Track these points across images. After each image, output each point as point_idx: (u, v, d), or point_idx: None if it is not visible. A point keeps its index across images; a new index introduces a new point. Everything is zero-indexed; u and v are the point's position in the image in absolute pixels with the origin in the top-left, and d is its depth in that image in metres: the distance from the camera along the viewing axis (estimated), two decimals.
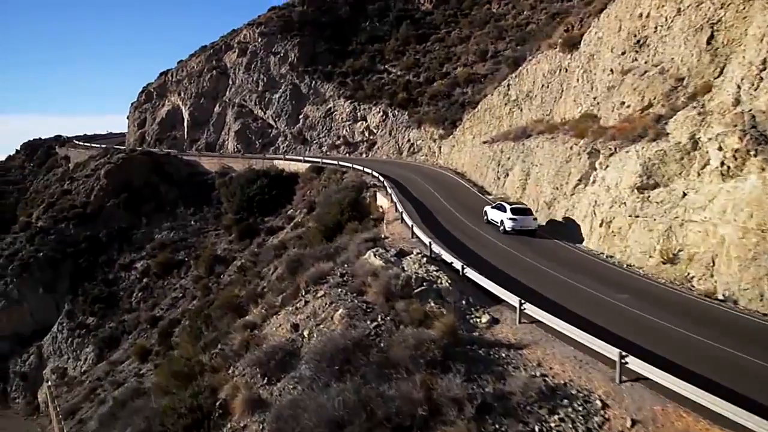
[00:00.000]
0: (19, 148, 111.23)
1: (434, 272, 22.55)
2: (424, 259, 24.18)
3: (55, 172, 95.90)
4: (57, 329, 60.86)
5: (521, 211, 31.14)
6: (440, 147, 61.49)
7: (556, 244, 29.17)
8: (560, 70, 42.02)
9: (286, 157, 69.13)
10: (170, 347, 39.58)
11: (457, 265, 23.09)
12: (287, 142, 79.42)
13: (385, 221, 37.05)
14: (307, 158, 66.81)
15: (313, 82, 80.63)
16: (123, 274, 64.07)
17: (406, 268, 22.99)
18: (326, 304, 21.06)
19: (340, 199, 44.18)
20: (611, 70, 33.82)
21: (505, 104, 49.85)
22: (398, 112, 70.34)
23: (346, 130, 74.75)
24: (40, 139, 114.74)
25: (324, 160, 63.82)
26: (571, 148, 33.02)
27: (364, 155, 72.01)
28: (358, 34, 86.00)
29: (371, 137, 72.51)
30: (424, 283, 21.27)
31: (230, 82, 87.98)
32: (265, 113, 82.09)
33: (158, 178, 73.96)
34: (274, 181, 63.93)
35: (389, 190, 41.33)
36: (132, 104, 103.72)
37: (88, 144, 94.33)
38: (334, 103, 77.18)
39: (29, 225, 74.31)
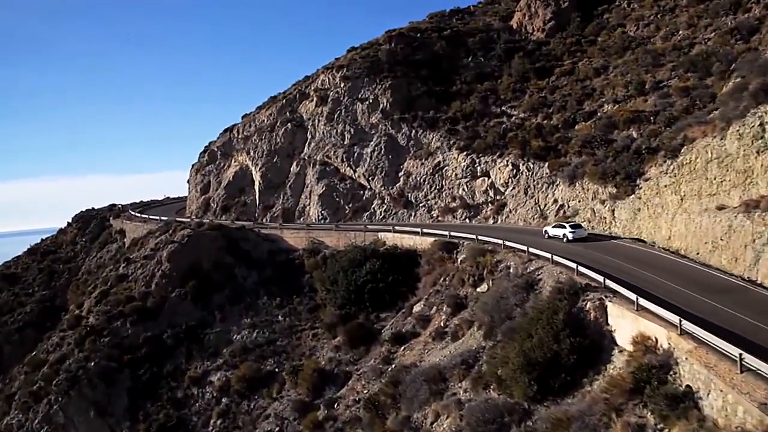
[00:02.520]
0: (71, 221, 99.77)
1: None
2: None
3: (109, 249, 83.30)
4: None
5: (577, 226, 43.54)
6: (613, 211, 45.21)
7: None
8: None
9: (396, 228, 53.95)
10: None
11: None
12: (385, 206, 64.52)
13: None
14: (426, 229, 51.40)
15: (413, 131, 66.13)
16: (195, 390, 49.11)
17: None
18: None
19: (545, 311, 28.46)
20: None
21: (757, 152, 33.59)
22: (534, 165, 54.84)
23: (463, 189, 59.45)
24: (92, 209, 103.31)
25: (454, 233, 48.33)
26: None
27: (490, 220, 56.40)
28: (460, 72, 71.65)
29: (498, 197, 56.98)
30: None
31: (309, 136, 74.31)
32: (354, 171, 67.69)
33: (232, 259, 59.65)
34: (387, 263, 48.69)
35: (654, 309, 25.14)
36: (193, 166, 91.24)
37: (146, 216, 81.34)
38: (443, 155, 62.25)
39: (79, 321, 60.64)
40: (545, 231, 45.69)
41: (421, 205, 62.20)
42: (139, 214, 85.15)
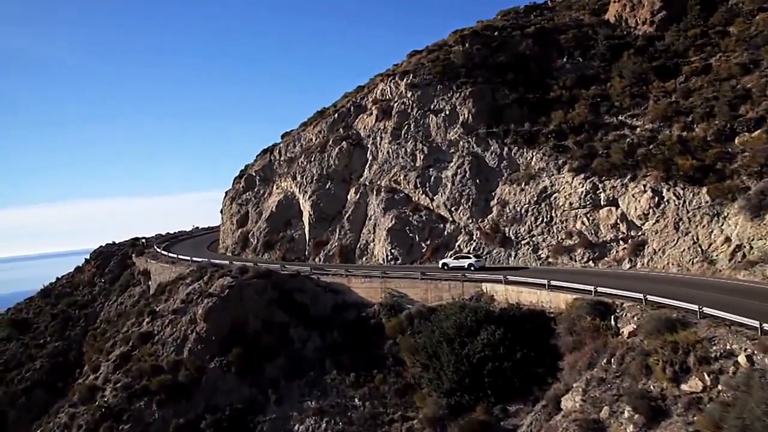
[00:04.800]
0: (89, 257, 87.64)
1: None
2: None
3: (132, 293, 71.08)
4: None
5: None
6: None
7: None
8: None
9: (509, 278, 40.35)
10: None
11: None
12: (474, 243, 51.12)
13: None
14: (556, 281, 37.73)
15: (505, 148, 52.93)
16: None
17: None
18: None
19: None
20: None
21: None
22: (685, 191, 41.25)
23: (582, 223, 45.94)
24: (113, 244, 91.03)
25: (603, 288, 34.65)
26: None
27: (625, 264, 42.76)
28: (555, 76, 58.49)
29: (634, 233, 43.38)
30: None
31: (369, 157, 61.47)
32: (431, 200, 54.55)
33: (286, 316, 46.60)
34: (510, 330, 35.18)
35: None
36: (227, 194, 78.86)
37: (174, 255, 68.68)
38: (550, 179, 48.90)
39: (93, 393, 47.88)
40: (444, 264, 48.25)
41: (523, 242, 48.74)
42: (165, 253, 72.54)
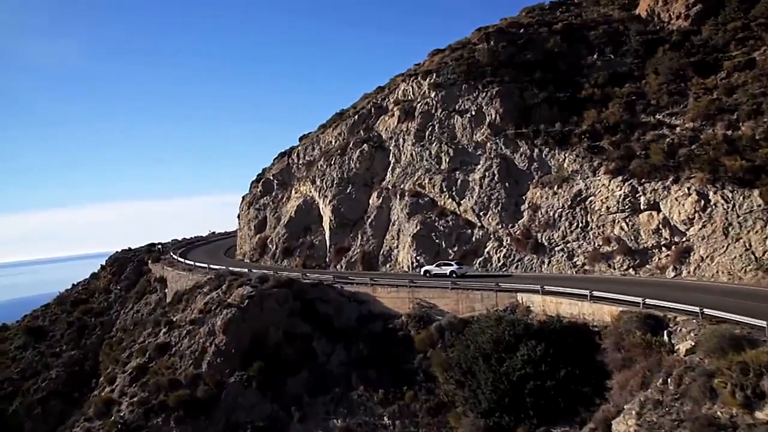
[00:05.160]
0: (104, 263, 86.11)
1: None
2: None
3: (148, 301, 69.38)
4: None
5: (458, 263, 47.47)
6: None
7: None
8: None
9: (546, 288, 37.87)
10: None
11: None
12: (504, 250, 48.74)
13: None
14: (600, 292, 35.18)
15: (535, 150, 50.50)
16: None
17: None
18: None
19: None
20: None
21: None
22: (734, 194, 38.60)
23: (621, 228, 43.38)
24: (129, 250, 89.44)
25: (652, 300, 32.13)
26: None
27: (670, 272, 40.18)
28: (585, 74, 55.91)
29: (678, 239, 40.77)
30: None
31: (392, 160, 59.25)
32: (458, 204, 52.23)
33: (309, 327, 44.48)
34: (551, 345, 32.74)
35: None
36: (244, 198, 77.05)
37: (190, 262, 66.80)
38: (585, 182, 46.40)
39: (109, 407, 46.07)
40: (426, 271, 48.49)
41: (557, 248, 46.26)
42: (182, 259, 70.72)
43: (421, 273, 48.55)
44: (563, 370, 31.34)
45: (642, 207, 42.78)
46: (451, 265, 47.28)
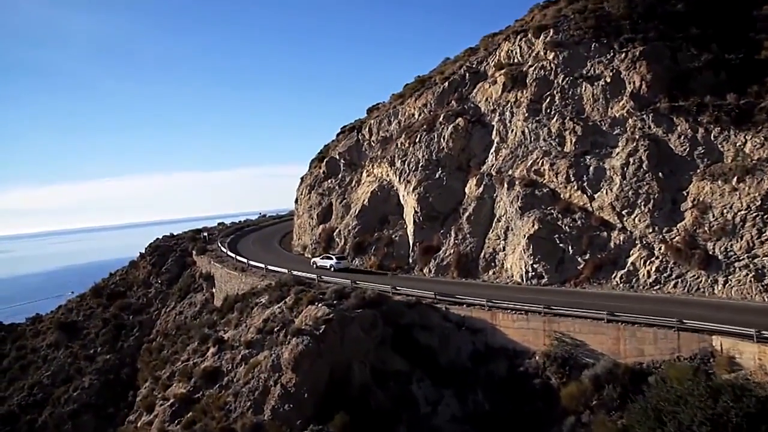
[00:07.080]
0: (144, 251, 76.81)
1: None
2: None
3: (193, 301, 59.70)
4: None
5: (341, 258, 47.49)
6: None
7: None
8: None
9: (764, 333, 25.93)
10: None
11: None
12: (657, 262, 36.69)
13: None
14: None
15: (700, 129, 37.99)
16: None
17: None
18: None
19: None
20: None
21: None
22: None
23: None
24: (171, 236, 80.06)
25: None
26: None
27: None
28: (762, 27, 42.85)
29: None
30: None
31: (495, 139, 47.47)
32: (589, 198, 40.29)
33: (404, 363, 33.60)
34: None
35: None
36: (302, 180, 66.30)
37: (243, 259, 56.19)
38: None
39: None
40: (313, 262, 49.73)
41: (738, 264, 34.02)
42: (233, 255, 60.13)
43: (311, 264, 49.61)
44: None
45: None
46: (331, 258, 47.97)
